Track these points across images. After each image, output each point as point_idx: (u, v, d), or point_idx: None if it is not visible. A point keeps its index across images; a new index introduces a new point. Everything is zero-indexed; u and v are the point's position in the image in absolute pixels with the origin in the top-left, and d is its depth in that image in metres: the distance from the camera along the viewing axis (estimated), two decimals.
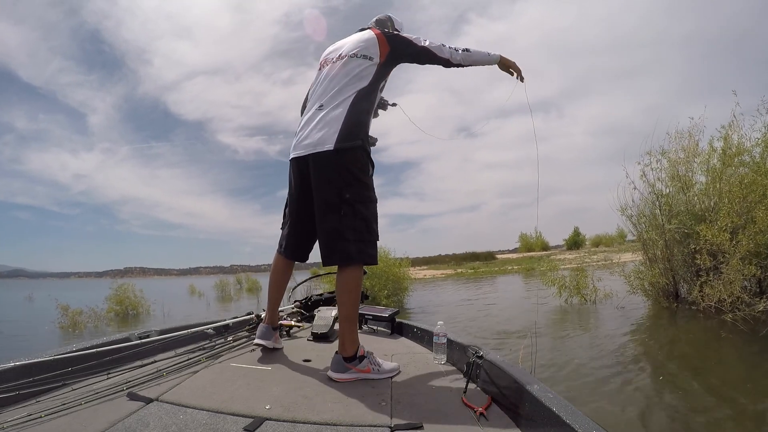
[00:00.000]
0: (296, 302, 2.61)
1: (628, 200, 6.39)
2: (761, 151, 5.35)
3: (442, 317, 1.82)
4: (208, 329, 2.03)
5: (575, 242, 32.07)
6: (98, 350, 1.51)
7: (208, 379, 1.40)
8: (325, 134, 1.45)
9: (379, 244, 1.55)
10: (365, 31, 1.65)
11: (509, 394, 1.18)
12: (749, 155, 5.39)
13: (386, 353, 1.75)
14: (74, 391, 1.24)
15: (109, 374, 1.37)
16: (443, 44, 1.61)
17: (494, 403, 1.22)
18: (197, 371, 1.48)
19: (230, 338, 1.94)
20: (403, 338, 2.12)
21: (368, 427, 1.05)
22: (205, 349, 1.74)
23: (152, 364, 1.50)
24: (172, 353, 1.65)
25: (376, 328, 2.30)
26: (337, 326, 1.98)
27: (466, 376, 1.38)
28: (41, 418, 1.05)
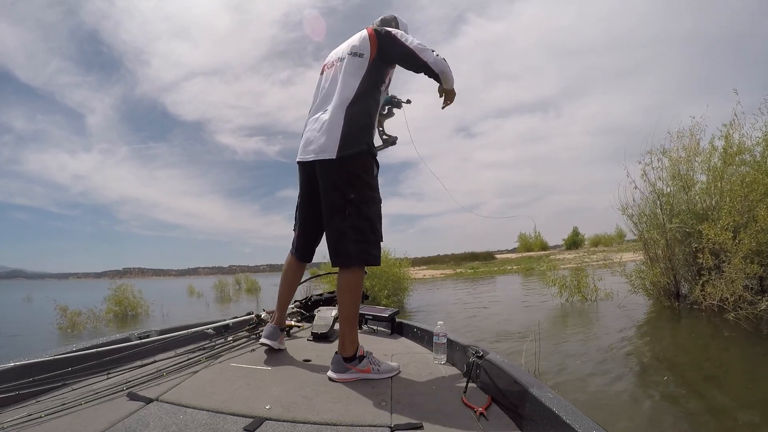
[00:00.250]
0: (296, 302, 2.60)
1: (629, 199, 6.41)
2: (762, 150, 5.36)
3: (441, 317, 1.82)
4: (208, 329, 2.03)
5: (574, 242, 32.10)
6: (98, 350, 1.51)
7: (208, 379, 1.40)
8: (326, 141, 1.46)
9: (381, 244, 1.56)
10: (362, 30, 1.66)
11: (509, 394, 1.18)
12: (750, 154, 5.40)
13: (386, 353, 1.75)
14: (74, 391, 1.24)
15: (109, 374, 1.37)
16: (432, 49, 1.54)
17: (494, 403, 1.22)
18: (197, 371, 1.48)
19: (230, 338, 1.94)
20: (403, 338, 2.12)
21: (368, 427, 1.05)
22: (205, 349, 1.74)
23: (152, 364, 1.50)
24: (172, 353, 1.65)
25: (376, 328, 2.30)
26: (337, 326, 1.97)
27: (466, 376, 1.38)
28: (41, 418, 1.05)
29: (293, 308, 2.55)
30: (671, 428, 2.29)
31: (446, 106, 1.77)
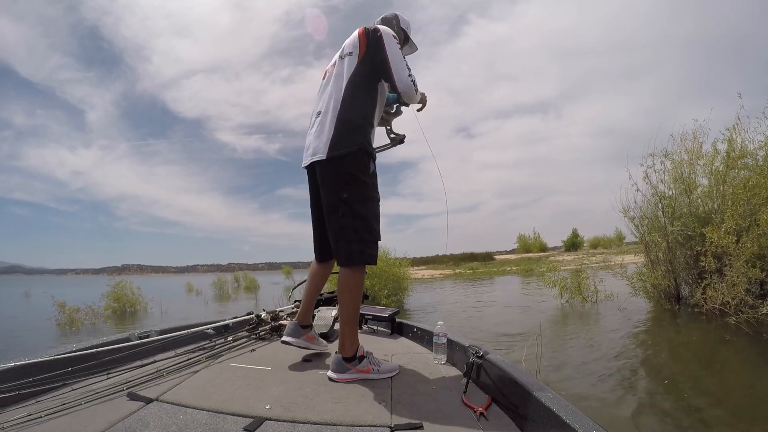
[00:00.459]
0: (296, 302, 2.60)
1: (630, 202, 6.39)
2: (765, 154, 5.33)
3: (440, 318, 1.82)
4: (208, 329, 2.03)
5: (573, 244, 32.15)
6: (98, 350, 1.51)
7: (208, 379, 1.40)
8: (320, 142, 1.48)
9: (380, 244, 1.55)
10: None
11: (509, 394, 1.18)
12: (752, 158, 5.38)
13: (386, 353, 1.75)
14: (74, 391, 1.24)
15: (109, 374, 1.37)
16: (408, 66, 1.50)
17: (494, 403, 1.23)
18: (197, 371, 1.48)
19: (230, 338, 1.94)
20: (403, 338, 2.12)
21: (368, 427, 1.05)
22: (205, 349, 1.74)
23: (152, 364, 1.50)
24: (172, 353, 1.65)
25: (376, 328, 2.30)
26: (337, 326, 1.97)
27: (466, 376, 1.38)
28: (41, 418, 1.05)
29: (293, 308, 2.55)
30: (670, 429, 2.29)
31: (420, 110, 1.81)
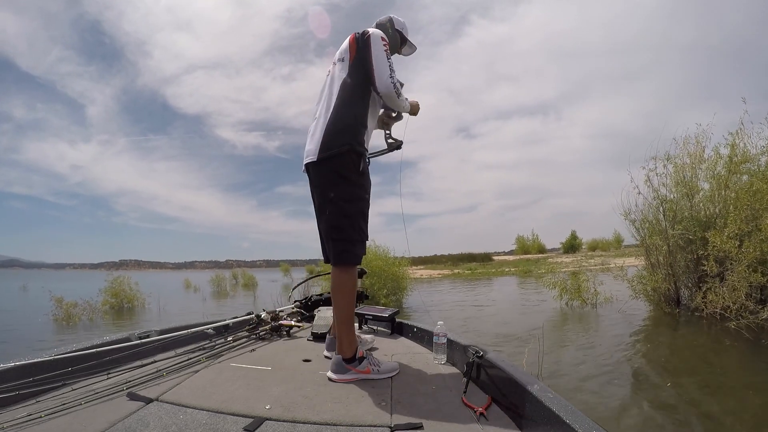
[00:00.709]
0: (296, 302, 2.60)
1: (631, 205, 6.39)
2: (767, 159, 5.33)
3: (440, 317, 1.82)
4: (208, 329, 2.03)
5: (572, 246, 32.20)
6: (98, 350, 1.51)
7: (208, 379, 1.40)
8: (312, 145, 1.51)
9: (377, 243, 1.55)
10: None
11: (509, 394, 1.18)
12: (755, 164, 5.37)
13: (386, 353, 1.75)
14: (74, 391, 1.24)
15: (109, 374, 1.37)
16: (393, 72, 1.50)
17: (494, 403, 1.23)
18: (197, 371, 1.48)
19: (230, 338, 1.94)
20: (403, 338, 2.12)
21: (368, 427, 1.05)
22: (205, 349, 1.74)
23: (152, 364, 1.50)
24: (172, 353, 1.65)
25: (376, 328, 2.30)
26: None
27: (466, 376, 1.38)
28: (41, 418, 1.05)
29: (293, 308, 2.55)
30: None
31: (414, 114, 1.82)
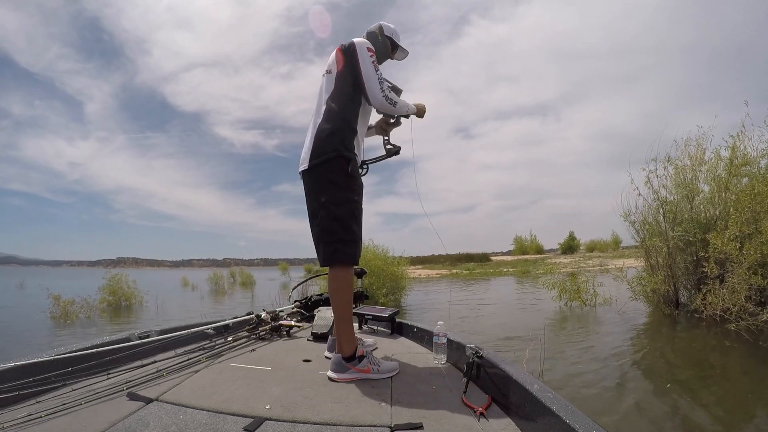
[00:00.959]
0: (296, 302, 2.60)
1: (631, 206, 6.39)
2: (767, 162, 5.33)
3: (439, 317, 1.83)
4: (208, 329, 2.03)
5: (570, 247, 32.25)
6: (98, 350, 1.51)
7: (208, 379, 1.40)
8: (304, 153, 1.56)
9: (376, 243, 1.57)
10: None
11: (509, 394, 1.18)
12: (755, 166, 5.37)
13: (386, 353, 1.75)
14: (74, 391, 1.24)
15: (109, 374, 1.37)
16: (382, 81, 1.54)
17: (494, 403, 1.23)
18: (197, 371, 1.48)
19: (230, 338, 1.94)
20: (403, 338, 2.12)
21: (368, 427, 1.05)
22: (205, 349, 1.74)
23: (152, 364, 1.50)
24: (172, 353, 1.65)
25: (376, 328, 2.30)
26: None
27: (466, 376, 1.38)
28: (41, 418, 1.05)
29: (293, 308, 2.54)
30: None
31: (420, 117, 1.85)
